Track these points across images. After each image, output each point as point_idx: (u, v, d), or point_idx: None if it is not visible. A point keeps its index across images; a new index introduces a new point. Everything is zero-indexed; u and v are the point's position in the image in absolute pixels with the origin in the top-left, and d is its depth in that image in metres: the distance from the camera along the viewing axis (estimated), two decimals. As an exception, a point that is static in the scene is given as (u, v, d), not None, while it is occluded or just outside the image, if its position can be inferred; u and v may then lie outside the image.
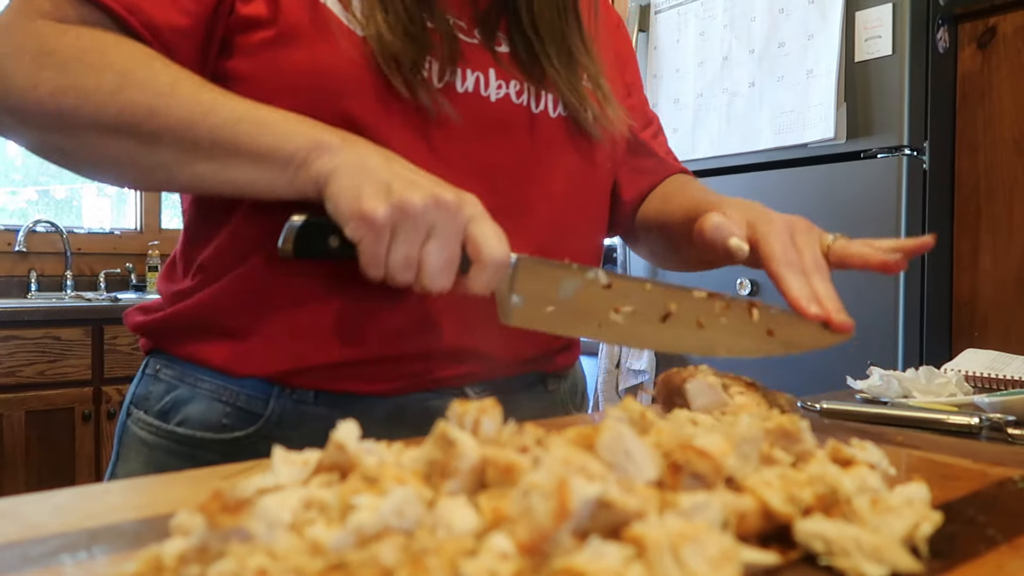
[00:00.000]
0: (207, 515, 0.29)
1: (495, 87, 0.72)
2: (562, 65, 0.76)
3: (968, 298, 1.97)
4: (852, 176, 1.85)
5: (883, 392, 0.83)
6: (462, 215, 0.56)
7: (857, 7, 1.84)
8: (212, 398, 0.70)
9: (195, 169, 0.60)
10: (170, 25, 0.63)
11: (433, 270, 0.56)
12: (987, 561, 0.35)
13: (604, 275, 0.60)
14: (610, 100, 0.79)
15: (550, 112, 0.76)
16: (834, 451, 0.42)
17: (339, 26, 0.66)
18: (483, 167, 0.71)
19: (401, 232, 0.55)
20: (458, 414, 0.40)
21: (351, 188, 0.55)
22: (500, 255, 0.57)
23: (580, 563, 0.27)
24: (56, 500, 0.44)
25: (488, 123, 0.71)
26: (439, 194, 0.55)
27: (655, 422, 0.42)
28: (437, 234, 0.56)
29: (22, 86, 0.59)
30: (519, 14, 0.75)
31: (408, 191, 0.55)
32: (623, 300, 0.60)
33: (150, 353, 0.76)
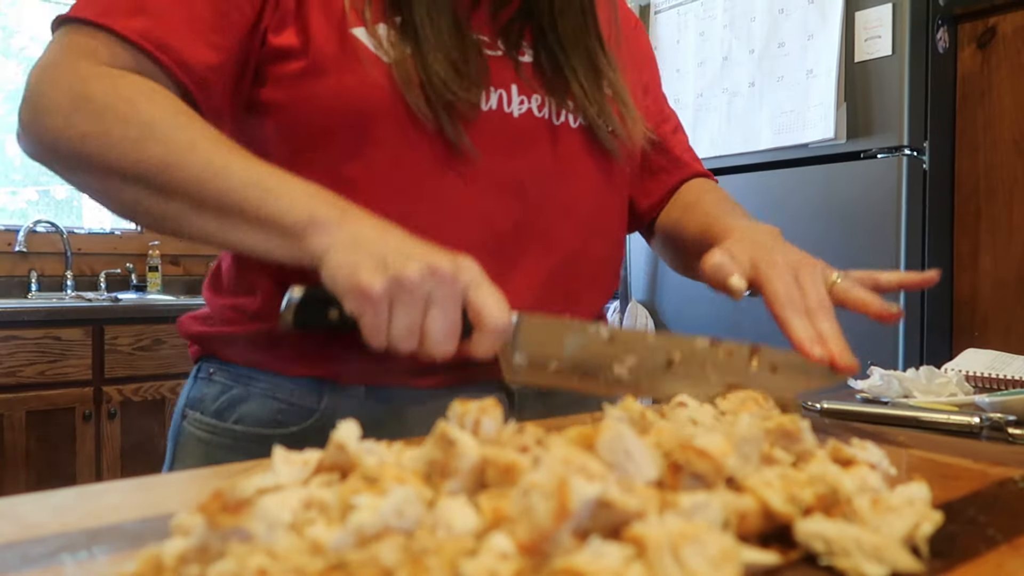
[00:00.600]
0: (207, 515, 0.29)
1: (517, 103, 0.74)
2: (586, 78, 0.78)
3: (968, 298, 1.97)
4: (852, 176, 1.85)
5: (884, 392, 0.83)
6: (459, 282, 0.57)
7: (857, 7, 1.84)
8: (266, 396, 0.74)
9: (202, 225, 0.63)
10: (202, 62, 0.66)
11: (435, 339, 0.57)
12: (987, 561, 0.35)
13: (605, 330, 0.61)
14: (630, 111, 0.81)
15: (571, 123, 0.77)
16: (834, 451, 0.42)
17: (367, 55, 0.68)
18: (509, 182, 0.73)
19: (399, 304, 0.56)
20: (458, 414, 0.40)
21: (347, 264, 0.57)
22: (501, 320, 0.57)
23: (580, 563, 0.27)
24: (56, 500, 0.44)
25: (511, 139, 0.73)
26: (434, 264, 0.56)
27: (655, 422, 0.42)
28: (436, 303, 0.56)
29: (58, 126, 0.63)
30: (543, 29, 0.77)
31: (403, 263, 0.55)
32: (625, 353, 0.60)
33: (201, 358, 0.79)
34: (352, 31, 0.68)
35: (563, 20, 0.78)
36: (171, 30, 0.65)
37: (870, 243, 1.80)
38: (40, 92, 0.64)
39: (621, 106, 0.80)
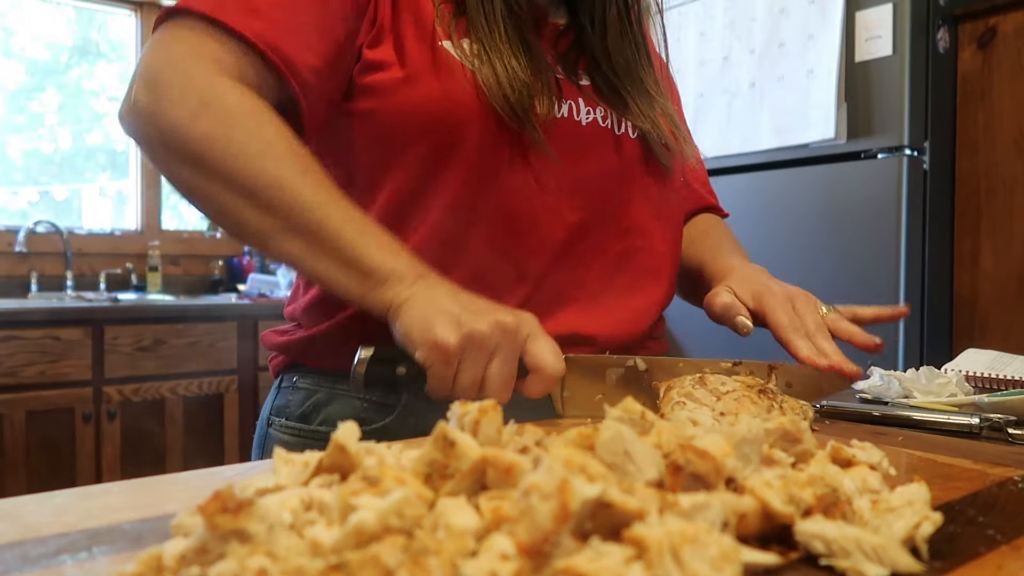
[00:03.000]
0: (207, 516, 0.29)
1: (584, 112, 0.81)
2: (638, 97, 0.85)
3: (968, 298, 1.97)
4: (852, 176, 1.85)
5: (883, 392, 0.83)
6: (521, 335, 0.63)
7: (857, 7, 1.84)
8: (349, 397, 0.78)
9: (290, 247, 0.66)
10: (307, 65, 0.70)
11: (496, 388, 0.62)
12: (987, 562, 0.35)
13: (641, 361, 0.69)
14: (680, 130, 0.90)
15: (630, 133, 0.85)
16: (835, 451, 0.42)
17: (456, 65, 0.74)
18: (578, 182, 0.79)
19: (469, 358, 0.61)
20: (459, 414, 0.40)
21: (423, 319, 0.61)
22: (557, 368, 0.63)
23: (580, 563, 0.27)
24: (56, 500, 0.44)
25: (581, 144, 0.80)
26: (502, 320, 0.61)
27: (655, 422, 0.42)
28: (499, 355, 0.61)
29: (183, 118, 0.65)
30: (597, 60, 0.84)
31: (475, 320, 0.61)
32: (660, 378, 0.68)
33: (284, 370, 0.85)
34: (441, 43, 0.75)
35: (615, 51, 0.85)
36: (281, 32, 0.69)
37: (870, 243, 1.80)
38: (167, 81, 0.66)
39: (672, 126, 0.88)
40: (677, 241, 0.93)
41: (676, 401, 0.61)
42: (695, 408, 0.60)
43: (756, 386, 0.63)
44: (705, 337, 2.16)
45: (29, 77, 3.15)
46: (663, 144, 0.86)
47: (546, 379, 0.64)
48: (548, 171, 0.78)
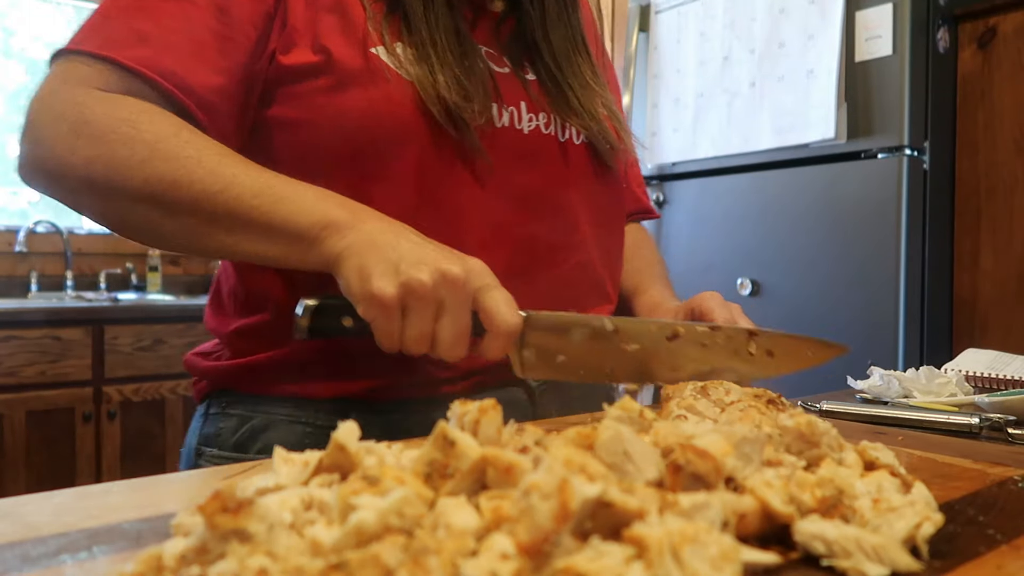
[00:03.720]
0: (207, 515, 0.29)
1: (527, 120, 0.77)
2: (583, 95, 0.81)
3: (968, 298, 1.97)
4: (852, 176, 1.85)
5: (883, 392, 0.83)
6: (470, 287, 0.58)
7: (857, 7, 1.84)
8: (291, 422, 0.73)
9: (214, 239, 0.63)
10: (205, 85, 0.66)
11: (446, 343, 0.58)
12: (987, 561, 0.35)
13: (610, 322, 0.62)
14: (623, 126, 0.86)
15: (574, 139, 0.81)
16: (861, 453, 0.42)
17: (391, 72, 0.70)
18: (522, 194, 0.76)
19: (412, 310, 0.57)
20: (458, 414, 0.40)
21: (360, 270, 0.57)
22: (512, 323, 0.58)
23: (581, 563, 0.26)
24: (56, 500, 0.44)
25: (523, 154, 0.76)
26: (446, 269, 0.57)
27: (654, 422, 0.42)
28: (447, 309, 0.57)
29: (60, 153, 0.63)
30: (539, 48, 0.81)
31: (416, 269, 0.56)
32: (629, 341, 0.62)
33: (211, 395, 0.78)
34: (372, 50, 0.70)
35: (554, 37, 0.81)
36: (174, 57, 0.65)
37: (870, 243, 1.80)
38: (40, 123, 0.64)
39: (615, 122, 0.84)
40: (620, 252, 0.91)
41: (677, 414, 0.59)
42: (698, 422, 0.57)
43: (764, 396, 0.60)
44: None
45: (29, 77, 3.15)
46: (608, 145, 0.83)
47: (500, 336, 0.58)
48: (492, 185, 0.74)
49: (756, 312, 2.02)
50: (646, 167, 2.28)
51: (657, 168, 2.27)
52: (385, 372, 0.71)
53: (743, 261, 2.06)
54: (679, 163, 2.20)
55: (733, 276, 2.07)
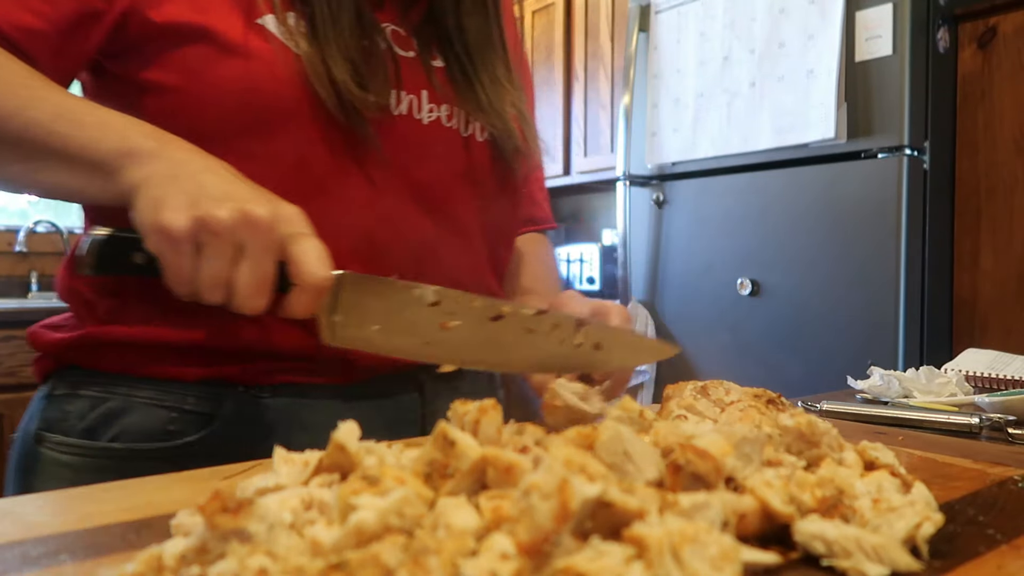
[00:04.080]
0: (207, 516, 0.29)
1: (427, 110, 0.72)
2: (491, 88, 0.76)
3: (968, 298, 1.97)
4: (852, 176, 1.85)
5: (883, 392, 0.83)
6: (276, 232, 0.52)
7: (857, 7, 1.84)
8: (153, 405, 0.66)
9: (9, 169, 0.57)
10: (15, 23, 0.60)
11: (244, 291, 0.52)
12: (987, 561, 0.35)
13: (432, 292, 0.57)
14: (531, 128, 0.81)
15: (477, 136, 0.76)
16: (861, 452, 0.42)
17: (276, 44, 0.64)
18: (414, 188, 0.70)
19: (206, 249, 0.51)
20: (459, 414, 0.40)
21: (155, 200, 0.52)
22: (320, 276, 0.53)
23: (581, 563, 0.26)
24: (56, 500, 0.44)
25: (420, 145, 0.71)
26: (250, 210, 0.51)
27: (654, 422, 0.42)
28: (247, 253, 0.52)
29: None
30: (450, 34, 0.75)
31: (215, 205, 0.51)
32: (451, 316, 0.58)
33: (56, 373, 0.71)
34: (259, 20, 0.64)
35: (469, 26, 0.76)
36: None
37: (870, 243, 1.80)
38: None
39: (523, 123, 0.79)
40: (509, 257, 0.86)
41: (677, 414, 0.59)
42: (698, 422, 0.57)
43: (764, 396, 0.60)
44: (704, 335, 2.16)
45: (29, 77, 3.15)
46: (513, 146, 0.77)
47: (306, 290, 0.53)
48: (383, 176, 0.68)
49: (758, 313, 2.02)
50: (646, 167, 2.28)
51: (657, 168, 2.27)
52: (263, 354, 0.66)
53: (743, 261, 2.06)
54: (679, 163, 2.20)
55: (733, 276, 2.07)
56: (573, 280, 3.21)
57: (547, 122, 3.33)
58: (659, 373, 2.27)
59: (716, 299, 2.12)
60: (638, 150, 2.30)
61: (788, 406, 0.59)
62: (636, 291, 2.34)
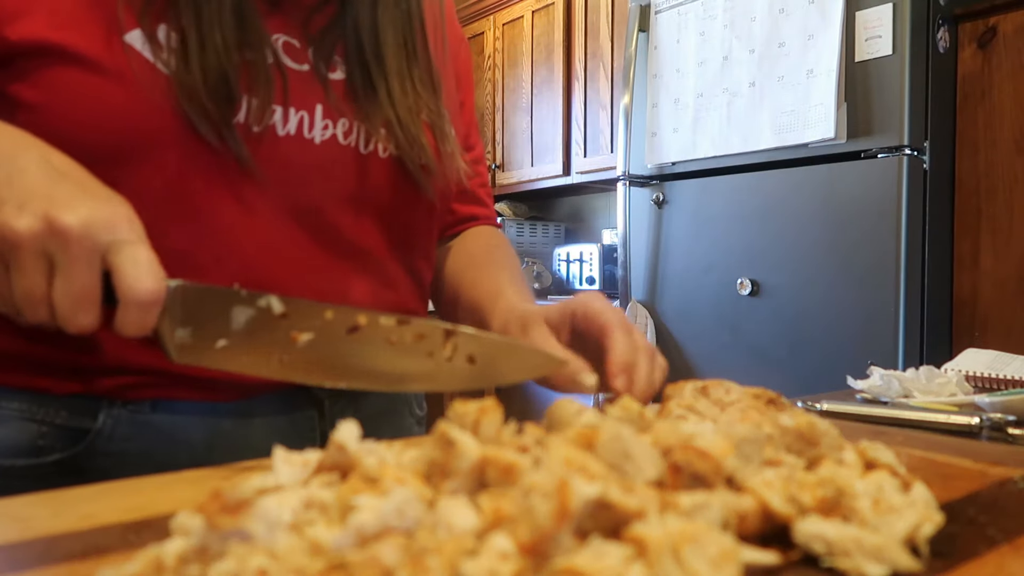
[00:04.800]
0: (207, 515, 0.29)
1: (320, 127, 0.67)
2: (402, 99, 0.71)
3: (968, 298, 1.97)
4: (852, 176, 1.85)
5: (883, 392, 0.83)
6: (90, 241, 0.46)
7: (857, 7, 1.84)
8: (21, 418, 0.61)
9: None
10: None
11: (63, 309, 0.46)
12: (988, 561, 0.35)
13: (278, 302, 0.52)
14: (448, 143, 0.75)
15: (380, 153, 0.70)
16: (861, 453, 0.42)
17: (141, 63, 0.59)
18: (302, 212, 0.66)
19: (11, 264, 0.46)
20: (458, 414, 0.40)
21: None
22: (144, 290, 0.46)
23: (581, 563, 0.27)
24: (56, 500, 0.44)
25: (310, 167, 0.66)
26: (54, 217, 0.45)
27: (654, 421, 0.42)
28: (59, 267, 0.46)
29: None
30: (360, 39, 0.69)
31: (14, 214, 0.45)
32: (302, 328, 0.53)
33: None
34: (125, 37, 0.59)
35: (384, 19, 0.70)
36: None
37: (870, 243, 1.81)
38: None
39: (438, 136, 0.74)
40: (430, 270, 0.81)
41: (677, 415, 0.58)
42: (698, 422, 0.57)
43: (764, 396, 0.60)
44: (704, 335, 2.16)
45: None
46: (421, 163, 0.71)
47: (133, 307, 0.46)
48: (264, 201, 0.63)
49: (757, 313, 2.02)
50: (646, 167, 2.28)
51: (657, 168, 2.27)
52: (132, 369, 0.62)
53: (743, 261, 2.06)
54: (679, 163, 2.20)
55: (733, 276, 2.07)
56: (573, 280, 3.21)
57: (547, 122, 3.33)
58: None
59: (716, 299, 2.12)
60: (638, 150, 2.30)
61: (788, 406, 0.59)
62: (636, 291, 2.34)
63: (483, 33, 3.69)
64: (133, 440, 0.63)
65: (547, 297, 3.15)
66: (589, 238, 3.63)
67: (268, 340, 0.52)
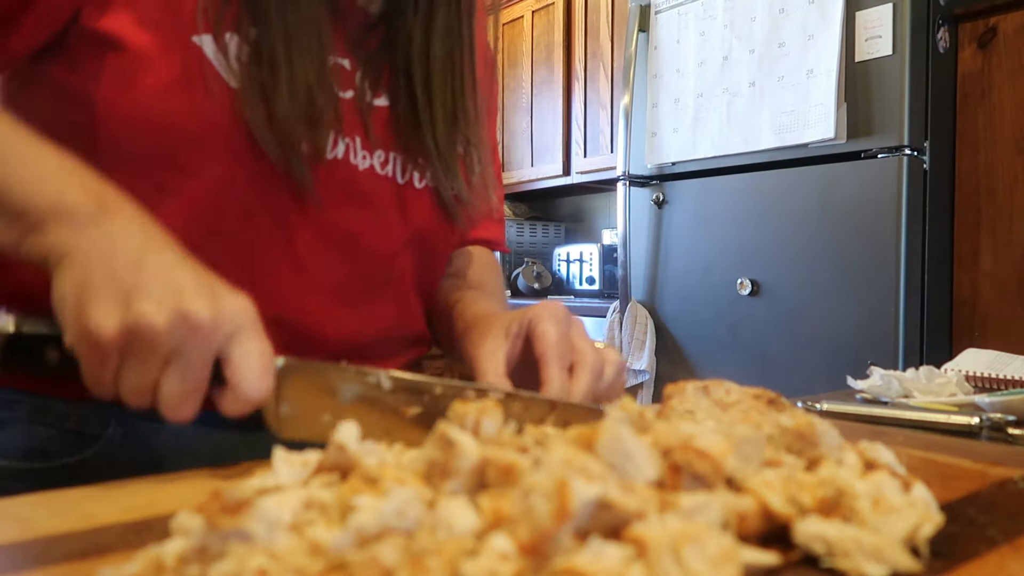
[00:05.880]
0: (207, 516, 0.29)
1: (361, 156, 0.67)
2: (442, 132, 0.71)
3: (968, 298, 1.97)
4: (852, 176, 1.85)
5: (883, 392, 0.83)
6: (217, 336, 0.46)
7: (857, 7, 1.84)
8: (30, 421, 0.60)
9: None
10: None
11: (170, 401, 0.46)
12: (988, 562, 0.35)
13: (387, 378, 0.52)
14: (476, 167, 0.75)
15: (415, 183, 0.71)
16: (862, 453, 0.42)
17: (210, 71, 0.58)
18: (340, 238, 0.66)
19: (133, 356, 0.44)
20: (459, 414, 0.40)
21: (80, 288, 0.44)
22: (256, 388, 0.47)
23: (580, 563, 0.26)
24: (56, 500, 0.44)
25: (354, 193, 0.67)
26: (190, 312, 0.44)
27: (654, 422, 0.42)
28: (179, 360, 0.45)
29: None
30: (410, 65, 0.69)
31: (149, 305, 0.44)
32: (409, 403, 0.53)
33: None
34: (194, 38, 0.58)
35: (437, 51, 0.70)
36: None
37: (870, 243, 1.81)
38: None
39: (470, 166, 0.74)
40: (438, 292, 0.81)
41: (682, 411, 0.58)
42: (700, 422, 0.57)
43: (764, 396, 0.60)
44: (704, 335, 2.16)
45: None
46: (454, 194, 0.72)
47: (241, 399, 0.47)
48: (306, 223, 0.63)
49: (756, 313, 2.02)
50: (646, 167, 2.28)
51: (657, 168, 2.27)
52: None
53: (743, 261, 2.06)
54: (679, 163, 2.20)
55: (733, 276, 2.07)
56: (573, 280, 3.21)
57: (547, 122, 3.33)
58: (659, 373, 2.27)
59: (716, 299, 2.12)
60: (638, 150, 2.30)
61: (788, 406, 0.59)
62: (636, 291, 2.34)
63: (483, 33, 3.69)
64: (142, 448, 0.63)
65: (547, 297, 3.15)
66: (589, 238, 3.63)
67: (374, 415, 0.52)
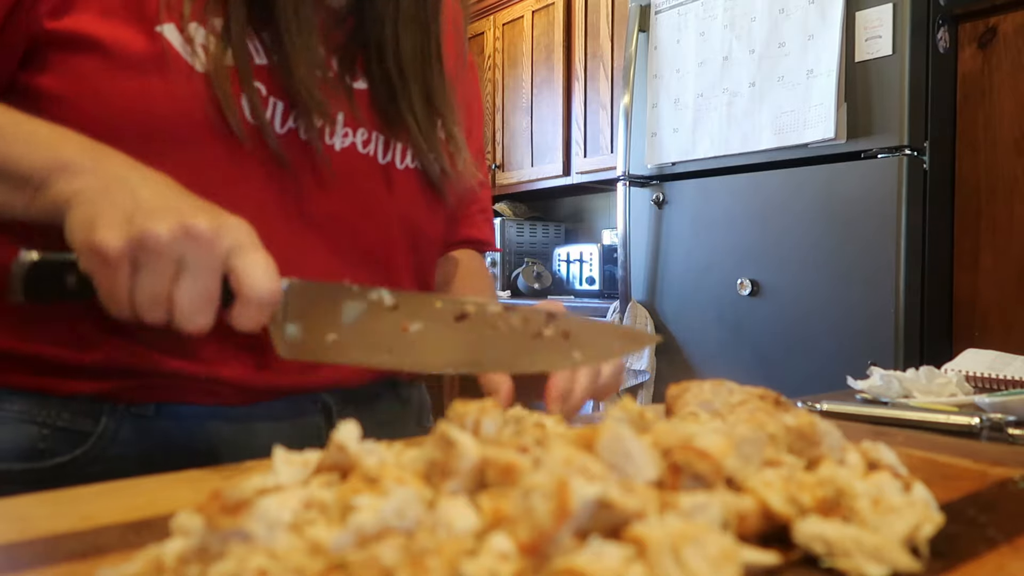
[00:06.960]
0: (207, 516, 0.29)
1: (340, 135, 0.68)
2: (421, 111, 0.72)
3: (968, 298, 1.97)
4: (852, 176, 1.85)
5: (883, 392, 0.83)
6: (219, 246, 0.49)
7: (857, 7, 1.84)
8: (21, 420, 0.61)
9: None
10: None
11: (185, 310, 0.49)
12: (988, 562, 0.35)
13: (389, 295, 0.54)
14: (461, 151, 0.76)
15: (397, 163, 0.72)
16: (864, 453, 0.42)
17: (177, 60, 0.60)
18: (323, 219, 0.67)
19: (143, 267, 0.48)
20: (459, 414, 0.40)
21: (88, 217, 0.48)
22: (265, 289, 0.49)
23: (580, 563, 0.26)
24: (56, 500, 0.44)
25: (330, 174, 0.67)
26: (191, 224, 0.48)
27: (654, 422, 0.42)
28: (188, 269, 0.48)
29: None
30: (383, 51, 0.71)
31: (152, 220, 0.47)
32: (411, 319, 0.54)
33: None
34: (158, 28, 0.60)
35: (406, 38, 0.72)
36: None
37: (870, 243, 1.80)
38: None
39: (453, 147, 0.76)
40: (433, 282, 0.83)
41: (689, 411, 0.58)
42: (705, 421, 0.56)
43: (769, 396, 0.59)
44: (704, 335, 2.16)
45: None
46: (440, 170, 0.73)
47: (252, 306, 0.49)
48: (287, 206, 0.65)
49: (758, 312, 2.02)
50: (646, 167, 2.28)
51: (657, 168, 2.27)
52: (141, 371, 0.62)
53: (743, 261, 2.06)
54: (679, 163, 2.20)
55: (733, 276, 2.07)
56: (573, 280, 3.21)
57: (547, 122, 3.33)
58: (659, 373, 2.27)
59: (716, 299, 2.12)
60: (638, 150, 2.30)
61: (789, 406, 0.59)
62: (636, 291, 2.34)
63: (483, 33, 3.69)
64: (135, 444, 0.63)
65: (547, 297, 3.15)
66: (589, 238, 3.62)
67: (378, 332, 0.54)
